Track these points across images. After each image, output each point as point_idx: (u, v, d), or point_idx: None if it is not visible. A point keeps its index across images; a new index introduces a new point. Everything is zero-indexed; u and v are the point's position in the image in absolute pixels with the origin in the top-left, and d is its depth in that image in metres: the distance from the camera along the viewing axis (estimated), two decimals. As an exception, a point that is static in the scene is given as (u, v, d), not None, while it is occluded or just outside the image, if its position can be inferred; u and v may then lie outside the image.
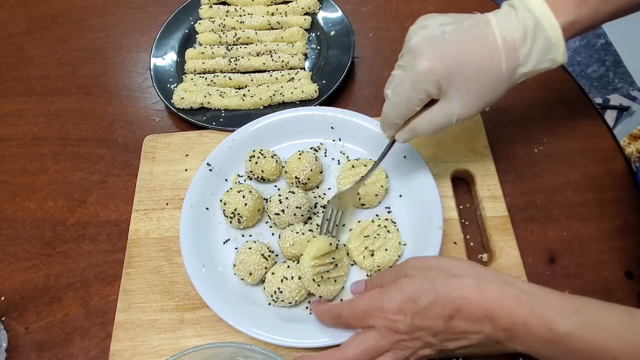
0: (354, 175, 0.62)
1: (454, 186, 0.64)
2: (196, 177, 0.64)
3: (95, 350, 0.57)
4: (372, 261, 0.56)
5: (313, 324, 0.54)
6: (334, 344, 0.51)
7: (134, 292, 0.59)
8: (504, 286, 0.41)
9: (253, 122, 0.68)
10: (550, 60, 0.47)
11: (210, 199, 0.63)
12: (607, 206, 0.62)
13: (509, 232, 0.59)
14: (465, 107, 0.48)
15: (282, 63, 0.77)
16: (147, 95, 0.80)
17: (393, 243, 0.57)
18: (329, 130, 0.67)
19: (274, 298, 0.55)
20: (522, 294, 0.40)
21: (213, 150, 0.66)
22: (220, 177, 0.65)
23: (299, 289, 0.54)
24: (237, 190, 0.60)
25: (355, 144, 0.67)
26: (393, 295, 0.45)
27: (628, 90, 1.77)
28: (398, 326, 0.44)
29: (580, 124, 0.69)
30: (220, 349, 0.45)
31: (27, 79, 0.84)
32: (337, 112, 0.67)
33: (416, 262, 0.48)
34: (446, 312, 0.42)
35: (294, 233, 0.57)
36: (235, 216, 0.60)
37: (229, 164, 0.66)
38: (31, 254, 0.65)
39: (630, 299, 0.56)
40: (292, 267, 0.55)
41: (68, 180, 0.71)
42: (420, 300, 0.43)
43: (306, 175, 0.62)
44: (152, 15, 0.90)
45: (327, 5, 0.84)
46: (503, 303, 0.40)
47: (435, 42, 0.47)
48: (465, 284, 0.42)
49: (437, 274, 0.44)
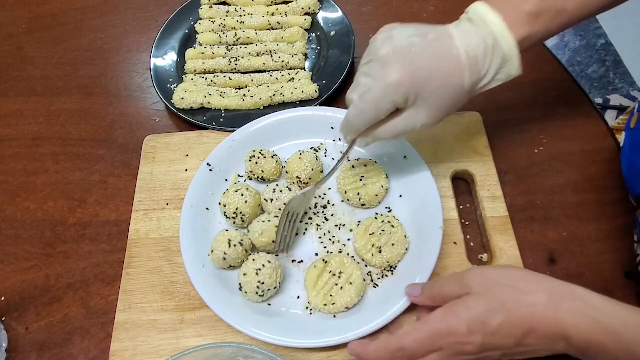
0: (354, 176, 0.62)
1: (454, 186, 0.64)
2: (196, 177, 0.64)
3: (95, 350, 0.57)
4: (380, 257, 0.57)
5: (314, 324, 0.54)
6: (334, 344, 0.51)
7: (134, 292, 0.59)
8: (578, 304, 0.40)
9: (253, 122, 0.68)
10: (505, 73, 0.49)
11: (210, 199, 0.63)
12: (607, 206, 0.62)
13: (509, 232, 0.59)
14: (429, 117, 0.50)
15: (282, 63, 0.77)
16: (147, 95, 0.80)
17: (399, 237, 0.57)
18: (329, 130, 0.67)
19: (259, 294, 0.55)
20: (598, 312, 0.39)
21: (213, 150, 0.66)
22: (221, 177, 0.65)
23: (275, 270, 0.55)
24: (235, 190, 0.61)
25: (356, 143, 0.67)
26: (461, 316, 0.42)
27: (628, 90, 1.77)
28: (467, 348, 0.42)
29: (580, 124, 0.69)
30: (220, 349, 0.45)
31: (27, 79, 0.84)
32: (337, 112, 0.67)
33: (479, 277, 0.45)
34: (518, 331, 0.40)
35: (260, 222, 0.58)
36: (238, 215, 0.60)
37: (229, 164, 0.66)
38: (31, 254, 0.65)
39: (630, 299, 0.56)
40: (257, 257, 0.56)
41: (68, 180, 0.71)
42: (491, 321, 0.41)
43: (307, 174, 0.62)
44: (152, 15, 0.90)
45: (327, 5, 0.84)
46: (578, 323, 0.39)
47: (403, 54, 0.48)
48: (538, 302, 0.40)
49: (504, 289, 0.42)
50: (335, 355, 0.53)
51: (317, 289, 0.55)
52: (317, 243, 0.61)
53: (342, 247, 0.60)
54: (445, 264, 0.58)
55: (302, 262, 0.60)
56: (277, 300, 0.57)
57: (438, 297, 0.47)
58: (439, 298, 0.47)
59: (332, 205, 0.63)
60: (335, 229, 0.61)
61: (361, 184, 0.61)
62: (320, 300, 0.54)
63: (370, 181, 0.61)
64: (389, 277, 0.57)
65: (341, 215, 0.62)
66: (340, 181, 0.63)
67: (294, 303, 0.57)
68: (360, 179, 0.62)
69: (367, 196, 0.61)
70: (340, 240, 0.61)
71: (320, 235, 0.61)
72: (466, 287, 0.44)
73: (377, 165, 0.64)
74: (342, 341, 0.51)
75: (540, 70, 0.75)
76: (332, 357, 0.53)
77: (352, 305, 0.55)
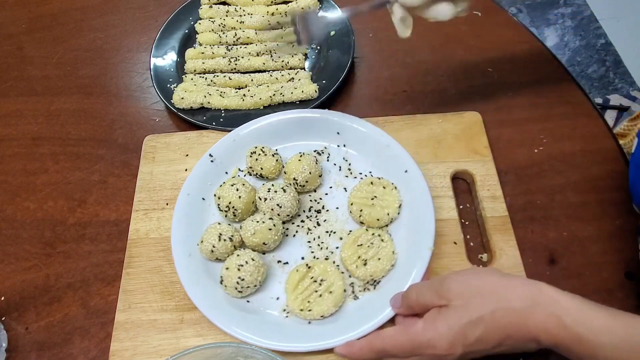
0: (368, 192, 0.60)
1: (454, 186, 0.64)
2: (197, 166, 0.65)
3: (95, 350, 0.57)
4: (364, 270, 0.56)
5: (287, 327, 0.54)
6: (304, 351, 0.52)
7: (134, 292, 0.59)
8: (550, 309, 0.42)
9: (259, 119, 0.68)
10: None
11: (209, 189, 0.64)
12: (608, 207, 0.62)
13: (509, 232, 0.59)
14: None
15: (282, 63, 0.77)
16: (147, 95, 0.80)
17: (387, 252, 0.56)
18: (335, 135, 0.67)
19: (238, 289, 0.55)
20: (567, 317, 0.41)
21: (217, 142, 0.66)
22: (222, 169, 0.66)
23: (257, 269, 0.55)
24: (231, 184, 0.61)
25: (359, 152, 0.66)
26: (442, 331, 0.44)
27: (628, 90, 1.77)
28: (448, 359, 0.45)
29: (580, 124, 0.69)
30: (220, 349, 0.45)
31: (27, 79, 0.84)
32: (345, 118, 0.66)
33: (457, 287, 0.46)
34: (496, 339, 0.43)
35: (254, 222, 0.58)
36: (230, 209, 0.60)
37: (232, 157, 0.66)
38: (31, 254, 0.65)
39: (631, 300, 0.56)
40: (242, 253, 0.56)
41: (68, 180, 0.71)
42: (470, 333, 0.44)
43: (304, 177, 0.62)
44: (152, 15, 0.90)
45: (327, 5, 0.84)
46: (547, 328, 0.42)
47: None
48: (513, 312, 0.43)
49: (482, 302, 0.44)
50: (336, 356, 0.53)
51: (297, 294, 0.55)
52: (306, 247, 0.61)
53: (330, 255, 0.60)
54: (445, 264, 0.58)
55: (287, 264, 0.60)
56: (257, 298, 0.57)
57: (417, 307, 0.49)
58: (418, 307, 0.49)
59: (326, 211, 0.63)
60: (326, 235, 0.61)
61: (370, 202, 0.60)
62: (297, 304, 0.54)
63: (380, 205, 0.60)
64: (370, 291, 0.56)
65: (334, 222, 0.62)
66: (353, 192, 0.61)
67: (273, 304, 0.57)
68: (372, 198, 0.60)
69: (369, 217, 0.59)
70: (329, 247, 0.60)
71: (309, 240, 0.61)
72: (445, 299, 0.46)
73: (395, 193, 0.61)
74: (313, 349, 0.52)
75: (540, 70, 0.75)
76: (332, 358, 0.53)
77: (328, 315, 0.54)
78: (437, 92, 0.74)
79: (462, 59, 0.78)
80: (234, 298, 0.57)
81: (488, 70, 0.76)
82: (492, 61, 0.77)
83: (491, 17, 0.82)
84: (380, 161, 0.65)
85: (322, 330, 0.54)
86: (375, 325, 0.52)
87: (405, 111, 0.72)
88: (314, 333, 0.53)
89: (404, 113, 0.70)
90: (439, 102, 0.73)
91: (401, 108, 0.73)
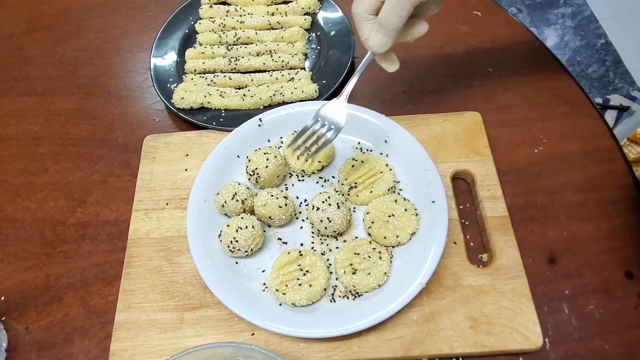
0: (387, 209, 0.59)
1: (454, 186, 0.64)
2: (243, 125, 0.67)
3: (95, 350, 0.57)
4: (350, 279, 0.55)
5: (261, 302, 0.55)
6: (346, 333, 0.52)
7: (134, 292, 0.59)
8: None
9: (319, 103, 0.67)
10: None
11: (247, 149, 0.66)
12: (607, 206, 0.62)
13: (509, 232, 0.59)
14: None
15: (282, 63, 0.77)
16: (147, 95, 0.80)
17: (379, 271, 0.55)
18: (382, 142, 0.66)
19: (230, 248, 0.58)
20: None
21: (270, 111, 0.68)
22: (265, 136, 0.68)
23: (253, 237, 0.57)
24: (264, 152, 0.62)
25: (398, 165, 0.64)
26: None
27: (628, 90, 1.77)
28: None
29: (580, 124, 0.69)
30: (220, 349, 0.45)
31: (27, 79, 0.84)
32: (398, 129, 0.65)
33: None
34: None
35: (268, 195, 0.60)
36: (254, 175, 0.62)
37: (278, 128, 0.68)
38: (31, 254, 0.65)
39: (630, 299, 0.56)
40: (245, 218, 0.59)
41: (68, 180, 0.71)
42: None
43: (354, 185, 0.62)
44: (152, 15, 0.90)
45: (327, 5, 0.84)
46: None
47: None
48: None
49: None
50: (336, 355, 0.53)
51: (279, 274, 0.56)
52: (309, 236, 0.61)
53: (327, 252, 0.60)
54: (445, 264, 0.58)
55: (286, 243, 0.61)
56: (245, 262, 0.59)
57: None
58: None
59: None
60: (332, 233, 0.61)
61: (385, 219, 0.58)
62: (275, 284, 0.56)
63: (394, 225, 0.58)
64: (349, 300, 0.56)
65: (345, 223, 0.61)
66: (374, 203, 0.60)
67: (257, 274, 0.59)
68: (389, 215, 0.58)
69: (377, 232, 0.58)
70: (329, 245, 0.60)
71: (314, 232, 0.61)
72: None
73: (414, 220, 0.58)
74: (278, 331, 0.52)
75: (540, 70, 0.75)
76: (332, 358, 0.53)
77: (299, 305, 0.55)
78: (437, 92, 0.74)
79: (462, 59, 0.78)
80: (226, 255, 0.59)
81: (488, 70, 0.76)
82: (492, 61, 0.77)
83: (491, 17, 0.82)
84: (414, 181, 0.62)
85: (289, 316, 0.54)
86: (343, 332, 0.52)
87: (405, 111, 0.72)
88: (285, 316, 0.54)
89: (404, 113, 0.70)
90: (439, 102, 0.73)
91: (401, 108, 0.73)
